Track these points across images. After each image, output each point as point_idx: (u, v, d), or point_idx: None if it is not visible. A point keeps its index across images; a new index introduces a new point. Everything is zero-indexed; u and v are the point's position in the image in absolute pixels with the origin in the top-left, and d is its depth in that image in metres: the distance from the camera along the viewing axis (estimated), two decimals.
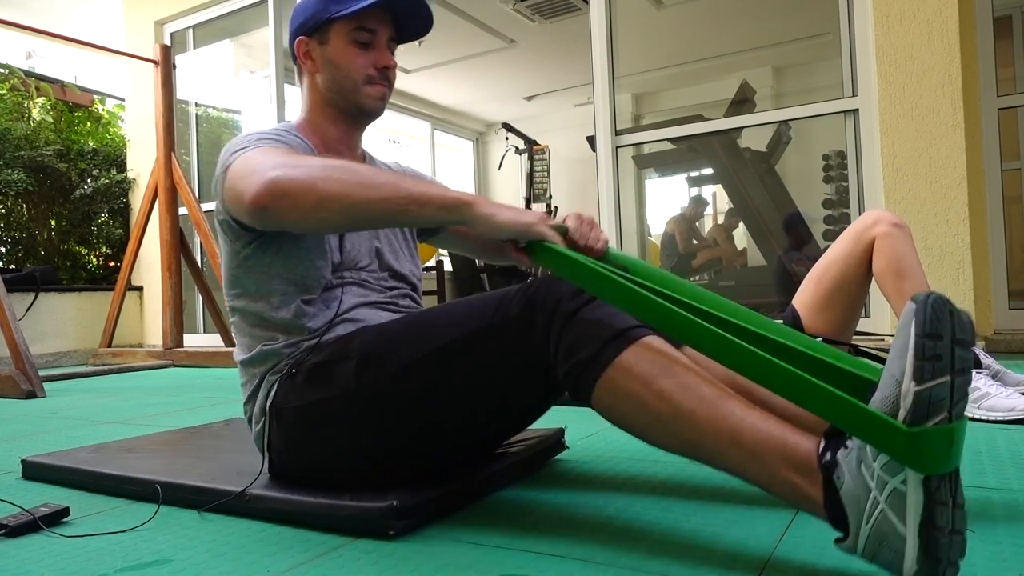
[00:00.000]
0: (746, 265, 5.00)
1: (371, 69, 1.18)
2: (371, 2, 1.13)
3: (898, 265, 1.77)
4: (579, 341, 0.91)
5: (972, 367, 0.71)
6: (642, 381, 0.86)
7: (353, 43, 1.16)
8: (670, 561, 0.86)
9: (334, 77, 1.18)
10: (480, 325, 0.99)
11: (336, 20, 1.16)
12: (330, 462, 1.11)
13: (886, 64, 3.03)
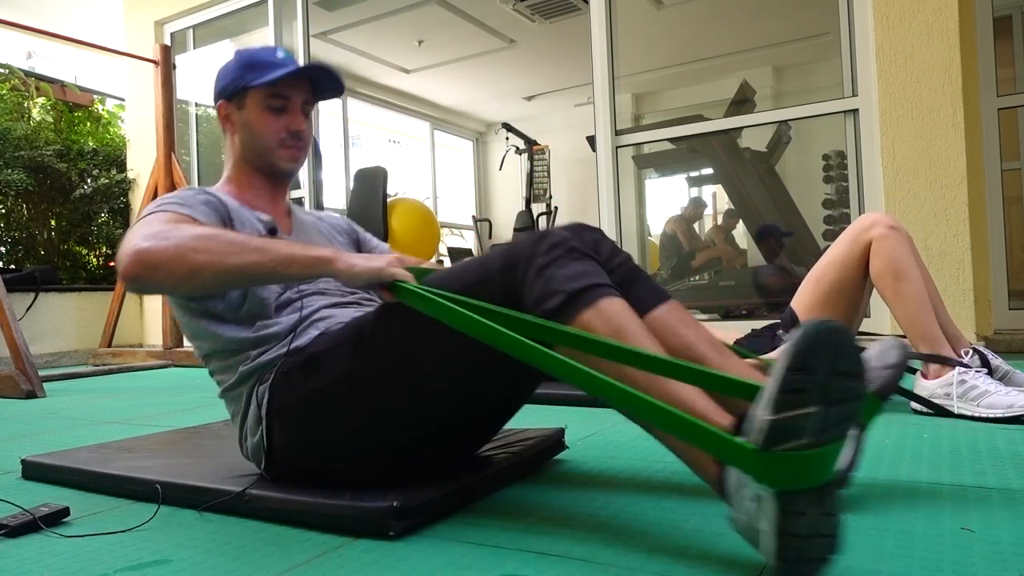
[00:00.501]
0: (746, 265, 5.00)
1: (283, 133, 1.27)
2: (282, 74, 1.23)
3: (895, 268, 1.78)
4: (547, 293, 0.97)
5: (860, 395, 0.74)
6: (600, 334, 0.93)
7: (267, 109, 1.26)
8: (670, 561, 0.86)
9: (250, 139, 1.28)
10: (466, 282, 1.04)
11: (252, 88, 1.25)
12: (335, 450, 1.12)
13: (886, 64, 3.03)
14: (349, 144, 7.29)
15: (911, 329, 1.79)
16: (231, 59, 1.30)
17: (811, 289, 1.93)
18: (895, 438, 1.50)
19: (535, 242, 1.02)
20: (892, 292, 1.79)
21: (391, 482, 1.09)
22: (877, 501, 1.07)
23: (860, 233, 1.85)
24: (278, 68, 1.24)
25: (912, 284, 1.77)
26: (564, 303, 0.96)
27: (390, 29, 5.93)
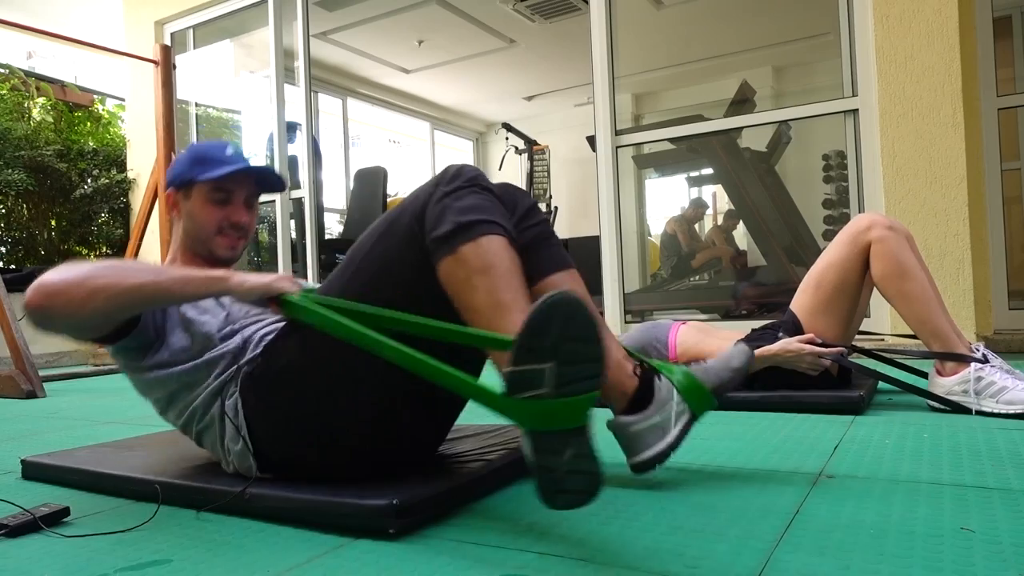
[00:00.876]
0: (746, 265, 5.00)
1: (224, 223, 1.37)
2: (226, 172, 1.34)
3: (898, 268, 1.78)
4: (439, 220, 1.07)
5: (599, 358, 0.88)
6: (469, 269, 1.03)
7: (210, 201, 1.36)
8: (670, 561, 0.86)
9: (193, 228, 1.37)
10: (383, 229, 1.14)
11: (200, 179, 1.35)
12: (318, 429, 1.15)
13: (886, 64, 3.03)
14: (349, 144, 7.30)
15: (921, 328, 1.79)
16: (184, 151, 1.43)
17: (811, 292, 1.92)
18: (895, 438, 1.50)
19: (442, 174, 1.12)
20: (898, 292, 1.79)
21: (382, 464, 1.13)
22: (877, 500, 1.07)
23: (857, 235, 1.85)
24: (224, 165, 1.35)
25: (917, 283, 1.77)
26: (450, 232, 1.05)
27: (390, 29, 5.94)
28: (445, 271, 1.05)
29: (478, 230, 1.05)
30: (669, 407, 1.16)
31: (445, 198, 1.08)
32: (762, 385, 1.94)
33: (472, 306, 1.04)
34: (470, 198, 1.08)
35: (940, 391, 1.77)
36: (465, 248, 1.04)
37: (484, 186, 1.11)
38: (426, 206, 1.09)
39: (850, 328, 1.96)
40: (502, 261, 1.04)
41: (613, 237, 3.73)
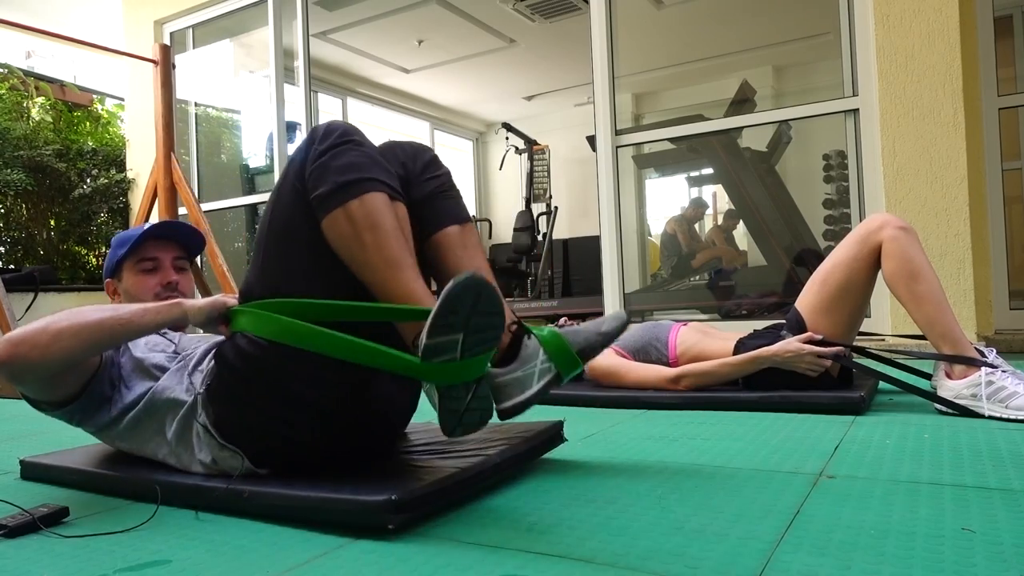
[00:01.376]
0: (746, 265, 5.00)
1: (157, 288, 1.45)
2: (139, 238, 1.44)
3: (909, 268, 1.77)
4: (319, 180, 1.11)
5: (500, 326, 1.02)
6: (355, 227, 1.09)
7: (140, 272, 1.45)
8: (670, 561, 0.86)
9: (130, 302, 1.42)
10: (272, 200, 1.19)
11: (125, 260, 1.46)
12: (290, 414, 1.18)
13: (886, 64, 3.03)
14: None
15: (931, 329, 1.78)
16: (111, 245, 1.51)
17: (816, 289, 1.91)
18: (896, 438, 1.50)
19: (312, 132, 1.17)
20: (908, 293, 1.78)
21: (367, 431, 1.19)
22: (878, 501, 1.07)
23: (869, 235, 1.84)
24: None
25: (928, 284, 1.76)
26: (332, 191, 1.09)
27: (390, 29, 5.93)
28: (331, 228, 1.10)
29: (361, 188, 1.09)
30: (533, 364, 1.20)
31: (322, 157, 1.12)
32: (762, 385, 1.94)
33: (362, 261, 1.09)
34: (347, 155, 1.12)
35: (948, 394, 1.76)
36: (351, 205, 1.09)
37: (358, 140, 1.14)
38: (303, 165, 1.13)
39: (854, 328, 1.96)
40: (386, 218, 1.10)
41: (613, 237, 3.73)
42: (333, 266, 1.13)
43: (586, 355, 1.22)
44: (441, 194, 1.29)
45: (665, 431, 1.69)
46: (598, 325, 1.24)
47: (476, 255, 1.29)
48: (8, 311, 3.19)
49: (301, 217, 1.13)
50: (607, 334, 1.23)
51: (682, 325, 2.23)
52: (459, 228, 1.29)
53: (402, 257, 1.09)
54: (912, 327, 1.85)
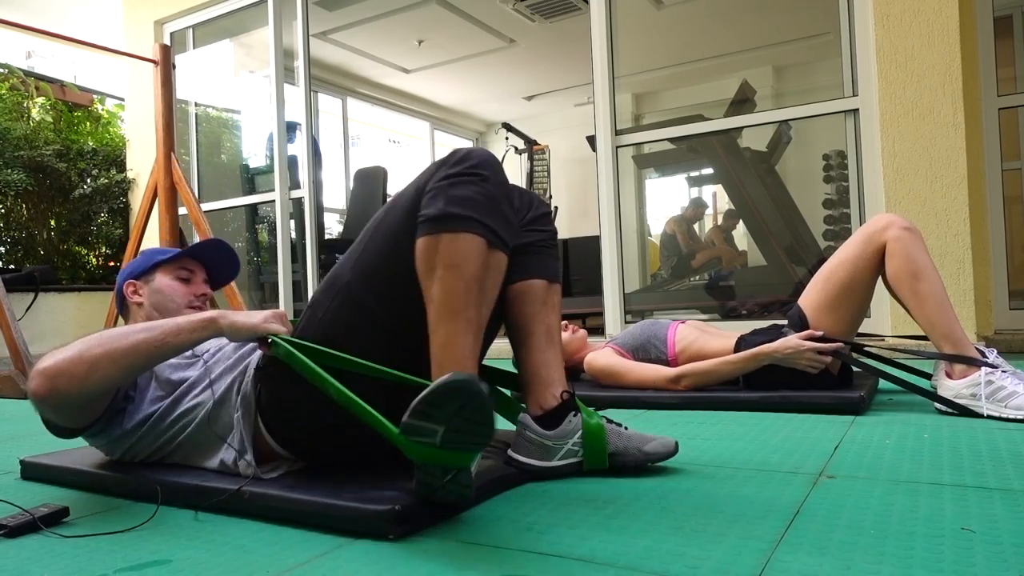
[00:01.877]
0: (746, 265, 5.00)
1: (191, 296, 1.49)
2: (184, 251, 1.50)
3: (913, 268, 1.78)
4: (432, 201, 1.10)
5: (487, 435, 0.94)
6: (436, 260, 1.08)
7: (176, 279, 1.49)
8: (670, 561, 0.86)
9: (160, 301, 1.47)
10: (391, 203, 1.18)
11: (161, 264, 1.49)
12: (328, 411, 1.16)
13: (886, 64, 3.03)
14: (349, 144, 7.30)
15: (933, 329, 1.78)
16: (138, 256, 1.55)
17: (820, 288, 1.92)
18: (895, 438, 1.50)
19: (451, 154, 1.14)
20: (911, 293, 1.79)
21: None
22: (878, 501, 1.07)
23: (874, 234, 1.85)
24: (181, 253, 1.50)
25: (931, 284, 1.77)
26: (434, 217, 1.08)
27: (390, 29, 5.93)
28: (419, 251, 1.09)
29: (461, 225, 1.08)
30: (564, 442, 1.26)
31: (444, 180, 1.11)
32: (762, 385, 1.94)
33: (428, 294, 1.08)
34: (466, 188, 1.10)
35: (948, 393, 1.76)
36: (443, 237, 1.08)
37: (485, 176, 1.12)
38: (427, 183, 1.13)
39: (855, 327, 1.96)
40: (471, 263, 1.08)
41: (613, 237, 3.73)
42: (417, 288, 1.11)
43: (618, 459, 1.26)
44: (541, 248, 1.32)
45: (665, 431, 1.69)
46: (644, 441, 1.27)
47: (552, 314, 1.31)
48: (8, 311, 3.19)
49: (409, 229, 1.12)
50: (649, 455, 1.26)
51: (680, 323, 2.23)
52: (546, 284, 1.32)
53: (464, 307, 1.07)
54: (912, 327, 1.86)
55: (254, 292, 5.33)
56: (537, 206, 1.35)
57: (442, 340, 1.07)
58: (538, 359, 1.29)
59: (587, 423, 1.26)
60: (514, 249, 1.27)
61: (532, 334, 1.29)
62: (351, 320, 1.16)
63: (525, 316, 1.29)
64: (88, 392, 1.13)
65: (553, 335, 1.31)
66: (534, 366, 1.29)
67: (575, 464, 1.26)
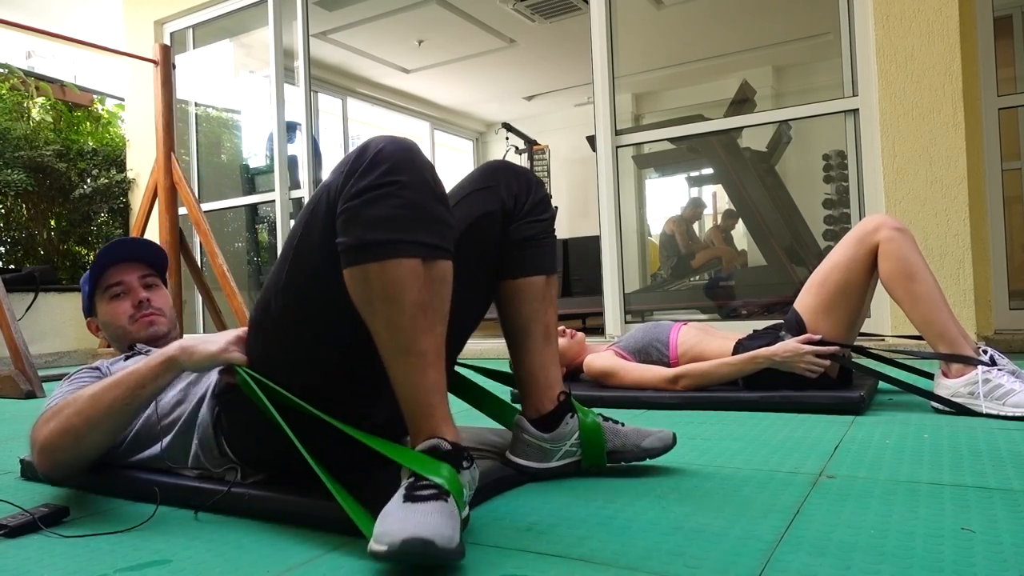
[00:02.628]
0: (746, 265, 5.00)
1: (130, 311, 1.45)
2: (95, 269, 1.44)
3: (906, 269, 1.78)
4: (347, 226, 0.97)
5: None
6: (370, 294, 0.97)
7: (109, 301, 1.45)
8: (670, 561, 0.86)
9: (111, 332, 1.46)
10: (308, 209, 1.06)
11: (94, 294, 1.46)
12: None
13: (886, 64, 3.03)
14: (349, 144, 7.30)
15: (928, 329, 1.79)
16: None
17: (815, 292, 1.92)
18: (895, 438, 1.50)
19: (356, 159, 0.98)
20: (905, 293, 1.79)
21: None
22: (877, 501, 1.07)
23: (865, 236, 1.85)
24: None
25: (925, 284, 1.77)
26: (353, 247, 0.96)
27: (390, 29, 5.94)
28: (349, 283, 0.98)
29: (385, 252, 0.95)
30: (562, 444, 1.25)
31: (356, 198, 0.96)
32: (762, 385, 1.94)
33: (373, 328, 0.98)
34: (384, 205, 0.95)
35: (945, 393, 1.76)
36: (370, 269, 0.95)
37: (401, 181, 0.96)
38: (337, 199, 0.98)
39: (853, 329, 1.96)
40: (407, 292, 0.96)
41: (613, 237, 3.73)
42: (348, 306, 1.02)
43: (615, 456, 1.26)
44: (540, 240, 1.27)
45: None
46: (641, 437, 1.26)
47: (549, 311, 1.29)
48: (8, 311, 3.20)
49: (327, 249, 1.00)
50: (647, 450, 1.26)
51: (682, 325, 2.23)
52: (544, 280, 1.28)
53: (412, 341, 0.97)
54: (912, 327, 1.85)
55: (254, 292, 5.33)
56: (535, 190, 1.28)
57: (401, 380, 0.99)
58: (536, 362, 1.27)
59: (584, 423, 1.25)
60: (512, 244, 1.25)
61: (530, 335, 1.27)
62: (292, 356, 1.09)
63: (523, 316, 1.26)
64: (85, 455, 1.18)
65: (550, 333, 1.29)
66: (532, 368, 1.27)
67: (573, 464, 1.26)
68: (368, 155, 0.98)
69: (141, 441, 1.28)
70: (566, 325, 2.45)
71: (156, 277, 1.51)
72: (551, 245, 1.29)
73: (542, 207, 1.28)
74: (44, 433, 1.15)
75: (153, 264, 1.52)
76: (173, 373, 1.13)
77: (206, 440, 1.20)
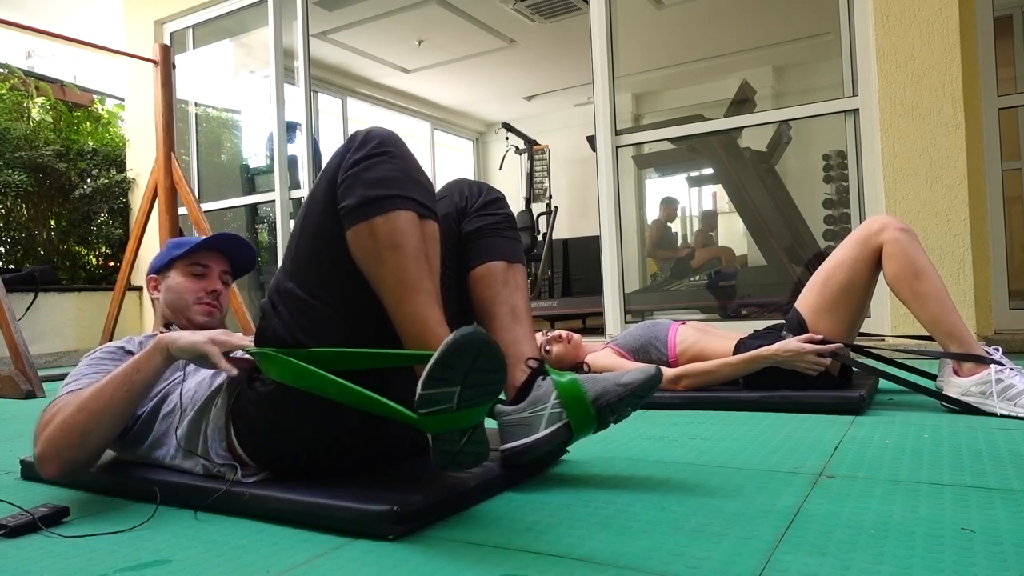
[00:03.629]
0: (746, 265, 5.00)
1: (201, 292, 1.48)
2: (197, 244, 1.49)
3: (913, 269, 1.78)
4: (350, 190, 1.09)
5: (500, 381, 1.00)
6: (376, 244, 1.07)
7: (188, 275, 1.49)
8: (670, 561, 0.86)
9: (172, 299, 1.49)
10: (307, 202, 1.17)
11: (176, 260, 1.50)
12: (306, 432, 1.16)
13: (886, 64, 3.03)
14: None
15: (937, 329, 1.78)
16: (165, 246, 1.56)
17: (817, 291, 1.92)
18: (895, 438, 1.50)
19: (350, 139, 1.13)
20: (912, 293, 1.78)
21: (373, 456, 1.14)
22: (877, 501, 1.07)
23: (870, 237, 1.85)
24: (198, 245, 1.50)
25: (931, 283, 1.77)
26: (358, 205, 1.07)
27: (390, 29, 5.93)
28: (354, 241, 1.08)
29: (388, 204, 1.07)
30: (543, 408, 1.19)
31: (355, 167, 1.09)
32: (762, 385, 1.94)
33: (379, 279, 1.07)
34: (380, 168, 1.09)
35: (956, 392, 1.75)
36: (376, 221, 1.07)
37: (393, 152, 1.11)
38: (336, 173, 1.11)
39: (854, 329, 1.96)
40: (410, 239, 1.07)
41: (613, 237, 3.73)
42: (357, 275, 1.11)
43: (602, 406, 1.16)
44: (494, 230, 1.31)
45: (665, 431, 1.69)
46: (620, 376, 1.19)
47: (515, 293, 1.29)
48: (8, 311, 3.20)
49: (332, 223, 1.11)
50: (627, 385, 1.17)
51: (681, 324, 2.23)
52: (505, 265, 1.30)
53: (418, 280, 1.07)
54: (913, 327, 1.85)
55: (254, 292, 5.33)
56: (487, 193, 1.35)
57: (410, 318, 1.07)
58: (504, 339, 1.25)
59: (558, 382, 1.19)
60: (465, 236, 1.30)
61: (495, 316, 1.28)
62: (307, 325, 1.12)
63: (486, 299, 1.28)
64: (93, 449, 1.18)
65: (518, 314, 1.28)
66: (503, 346, 1.21)
67: (563, 428, 1.18)
68: (359, 136, 1.13)
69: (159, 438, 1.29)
70: (565, 326, 2.45)
71: (231, 276, 1.56)
72: (510, 238, 1.33)
73: (494, 205, 1.34)
74: (47, 436, 1.16)
75: (237, 266, 1.58)
76: (162, 357, 1.17)
77: (216, 431, 1.21)
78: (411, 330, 1.07)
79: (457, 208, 1.33)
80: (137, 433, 1.31)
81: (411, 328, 1.07)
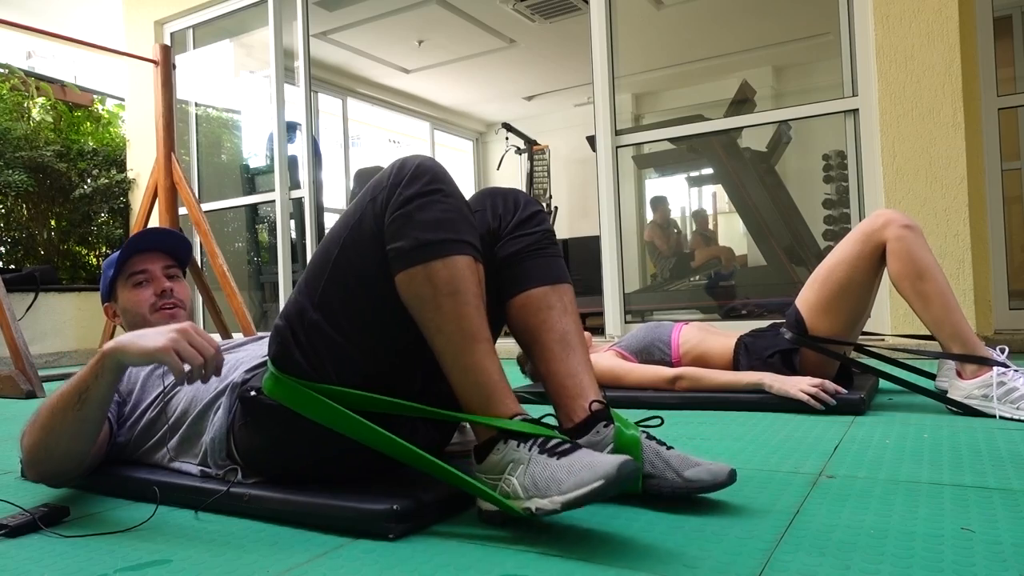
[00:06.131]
0: (746, 265, 5.01)
1: (152, 299, 1.45)
2: (122, 255, 1.45)
3: (916, 268, 1.73)
4: (403, 231, 1.03)
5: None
6: (435, 290, 1.01)
7: (132, 288, 1.46)
8: (670, 560, 0.86)
9: (130, 319, 1.46)
10: (348, 224, 1.09)
11: (116, 279, 1.47)
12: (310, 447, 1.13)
13: (886, 64, 3.03)
14: (349, 144, 7.30)
15: (940, 329, 1.73)
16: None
17: (817, 288, 1.88)
18: (895, 438, 1.50)
19: (398, 171, 1.06)
20: (915, 293, 1.74)
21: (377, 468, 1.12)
22: (877, 501, 1.07)
23: (873, 232, 1.78)
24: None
25: (935, 283, 1.72)
26: (414, 248, 1.02)
27: (390, 29, 5.94)
28: (406, 285, 1.03)
29: (446, 249, 1.02)
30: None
31: (406, 205, 1.03)
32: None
33: (435, 327, 1.02)
34: (434, 209, 1.03)
35: (959, 395, 1.73)
36: (434, 266, 1.01)
37: (447, 191, 1.05)
38: (385, 209, 1.04)
39: (855, 328, 1.92)
40: (470, 285, 1.02)
41: (613, 237, 3.73)
42: (398, 320, 1.05)
43: (654, 487, 1.07)
44: (534, 251, 1.20)
45: (665, 431, 1.69)
46: (686, 465, 1.06)
47: (563, 318, 1.17)
48: (8, 311, 3.20)
49: (374, 263, 1.05)
50: (691, 483, 1.05)
51: (684, 324, 2.23)
52: (546, 289, 1.18)
53: (480, 330, 1.02)
54: (914, 327, 1.84)
55: (254, 292, 5.33)
56: (523, 208, 1.23)
57: (472, 368, 1.02)
58: (560, 371, 1.15)
59: (621, 435, 1.09)
60: (502, 261, 1.20)
61: (544, 346, 1.17)
62: (331, 360, 1.07)
63: (531, 328, 1.18)
64: (62, 463, 1.18)
65: (570, 340, 1.17)
66: (557, 378, 1.16)
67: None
68: (408, 168, 1.05)
69: (150, 446, 1.31)
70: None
71: (178, 269, 1.52)
72: (552, 255, 1.22)
73: (531, 222, 1.22)
74: (24, 447, 1.18)
75: (176, 256, 1.53)
76: (109, 371, 1.10)
77: (218, 440, 1.19)
78: (471, 380, 1.02)
79: (490, 229, 1.21)
80: (135, 441, 1.32)
81: (472, 379, 1.02)
